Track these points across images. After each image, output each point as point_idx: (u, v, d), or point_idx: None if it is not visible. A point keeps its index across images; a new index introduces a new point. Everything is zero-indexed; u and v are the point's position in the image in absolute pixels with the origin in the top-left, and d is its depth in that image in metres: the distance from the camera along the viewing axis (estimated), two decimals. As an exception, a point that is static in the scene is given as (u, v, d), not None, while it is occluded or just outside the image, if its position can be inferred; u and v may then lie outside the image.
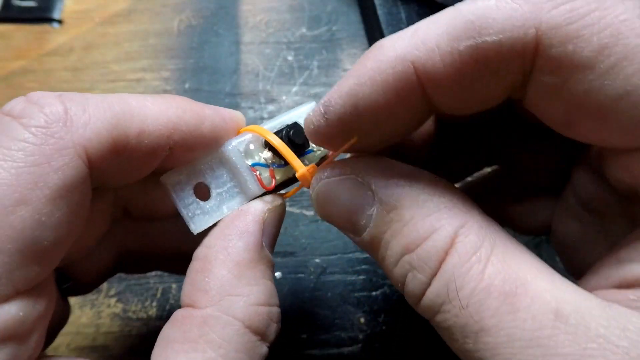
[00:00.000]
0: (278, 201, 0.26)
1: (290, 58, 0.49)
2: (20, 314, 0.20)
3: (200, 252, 0.24)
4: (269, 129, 0.27)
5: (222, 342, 0.21)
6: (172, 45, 0.50)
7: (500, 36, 0.17)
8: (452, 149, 0.29)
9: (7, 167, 0.19)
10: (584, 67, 0.17)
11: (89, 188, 0.22)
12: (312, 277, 0.39)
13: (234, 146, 0.26)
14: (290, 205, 0.42)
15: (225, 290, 0.23)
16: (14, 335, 0.20)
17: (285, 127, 0.27)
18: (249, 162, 0.26)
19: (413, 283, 0.20)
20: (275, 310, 0.24)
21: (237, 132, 0.27)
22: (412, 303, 0.21)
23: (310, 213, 0.41)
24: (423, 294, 0.20)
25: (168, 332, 0.23)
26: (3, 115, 0.21)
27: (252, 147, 0.26)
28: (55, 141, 0.20)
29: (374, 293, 0.38)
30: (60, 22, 0.52)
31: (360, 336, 0.37)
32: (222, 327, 0.22)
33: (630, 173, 0.18)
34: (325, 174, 0.23)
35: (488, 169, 0.31)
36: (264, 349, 0.23)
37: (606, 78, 0.16)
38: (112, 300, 0.38)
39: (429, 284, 0.19)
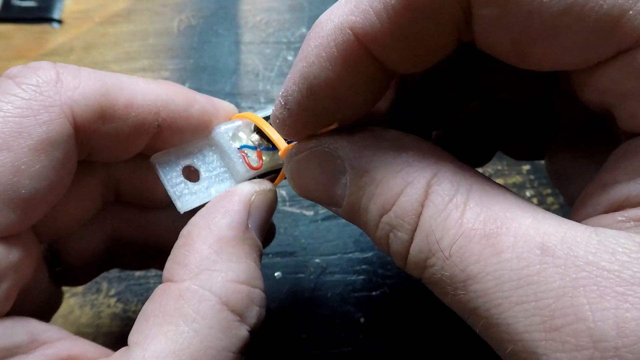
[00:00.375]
0: (267, 185, 0.26)
1: (290, 58, 0.49)
2: None
3: (184, 230, 0.24)
4: (264, 116, 0.27)
5: (196, 317, 0.21)
6: (172, 45, 0.50)
7: None
8: (422, 107, 0.28)
9: None
10: None
11: (74, 148, 0.23)
12: (312, 277, 0.39)
13: (222, 130, 0.26)
14: (290, 205, 0.42)
15: (204, 264, 0.22)
16: None
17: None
18: (237, 144, 0.26)
19: (395, 242, 0.20)
20: (258, 292, 0.23)
21: (230, 119, 0.27)
22: (400, 264, 0.20)
23: (310, 213, 0.41)
24: (407, 252, 0.19)
25: (146, 307, 0.22)
26: (3, 78, 0.22)
27: (241, 133, 0.27)
28: (44, 98, 0.21)
29: (374, 293, 0.38)
30: (60, 22, 0.52)
31: (360, 336, 0.37)
32: (198, 301, 0.21)
33: (596, 90, 0.18)
34: (294, 150, 0.23)
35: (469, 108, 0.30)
36: (242, 331, 0.22)
37: None
38: (112, 300, 0.38)
39: (411, 241, 0.19)
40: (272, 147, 0.27)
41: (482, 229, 0.18)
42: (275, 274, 0.39)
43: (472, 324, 0.18)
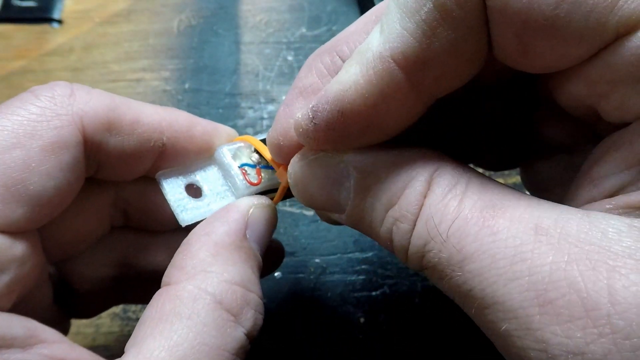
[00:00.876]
0: (265, 201, 0.27)
1: (290, 58, 0.49)
2: None
3: (185, 239, 0.25)
4: (262, 138, 0.28)
5: (191, 314, 0.21)
6: (172, 45, 0.50)
7: None
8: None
9: (12, 119, 0.23)
10: None
11: (82, 155, 0.25)
12: (312, 277, 0.39)
13: (225, 149, 0.28)
14: (290, 205, 0.42)
15: (200, 266, 0.23)
16: None
17: None
18: (238, 163, 0.28)
19: (398, 234, 0.20)
20: (253, 296, 0.24)
21: (230, 142, 0.29)
22: (401, 257, 0.21)
23: (310, 213, 0.41)
24: (408, 242, 0.20)
25: (144, 313, 0.23)
26: (26, 92, 0.24)
27: (242, 152, 0.28)
28: (57, 108, 0.24)
29: (374, 293, 0.38)
30: (60, 22, 0.52)
31: (360, 336, 0.37)
32: (193, 300, 0.22)
33: (586, 84, 0.18)
34: (298, 157, 0.23)
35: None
36: (238, 332, 0.22)
37: None
38: (112, 300, 0.38)
39: (412, 230, 0.20)
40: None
41: (479, 212, 0.18)
42: (275, 274, 0.39)
43: (468, 307, 0.19)
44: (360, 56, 0.19)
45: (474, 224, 0.18)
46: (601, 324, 0.15)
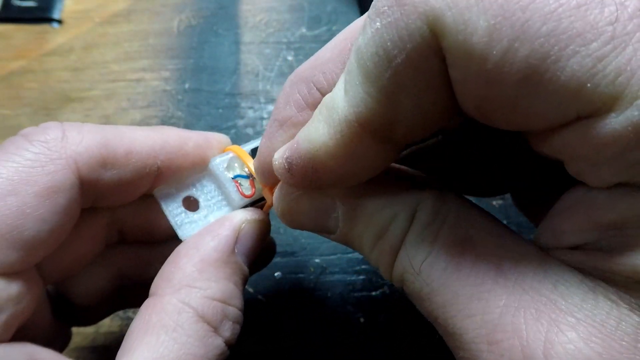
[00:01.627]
0: (259, 216, 0.28)
1: (290, 58, 0.49)
2: None
3: (176, 249, 0.27)
4: (252, 148, 0.30)
5: (176, 327, 0.23)
6: (172, 45, 0.50)
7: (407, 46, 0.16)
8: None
9: (7, 166, 0.23)
10: (477, 57, 0.15)
11: (77, 196, 0.25)
12: (312, 277, 0.39)
13: (218, 162, 0.29)
14: (290, 205, 0.42)
15: (185, 281, 0.25)
16: None
17: None
18: (231, 174, 0.29)
19: (382, 263, 0.22)
20: (233, 310, 0.25)
21: (222, 151, 0.30)
22: (387, 279, 0.23)
23: (310, 213, 0.41)
24: (391, 269, 0.22)
25: (133, 323, 0.24)
26: (17, 136, 0.25)
27: (235, 163, 0.29)
28: (51, 153, 0.24)
29: (374, 293, 0.38)
30: (60, 22, 0.52)
31: (360, 336, 0.37)
32: (177, 313, 0.24)
33: (550, 148, 0.18)
34: (284, 192, 0.24)
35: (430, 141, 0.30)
36: (218, 341, 0.24)
37: (504, 64, 0.15)
38: (112, 300, 0.38)
39: (394, 260, 0.22)
40: None
41: (449, 249, 0.20)
42: (275, 274, 0.39)
43: (438, 330, 0.21)
44: (328, 113, 0.19)
45: (443, 260, 0.20)
46: None
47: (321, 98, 0.21)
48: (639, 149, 0.15)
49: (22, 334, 0.24)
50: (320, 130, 0.20)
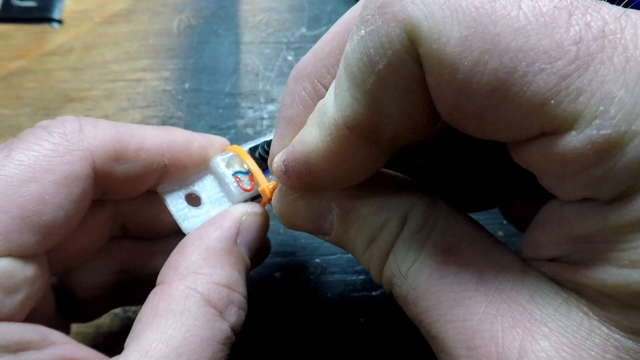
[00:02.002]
0: (258, 209, 0.29)
1: (290, 58, 0.49)
2: (9, 268, 0.24)
3: (181, 241, 0.28)
4: (251, 147, 0.31)
5: (183, 310, 0.24)
6: (172, 45, 0.50)
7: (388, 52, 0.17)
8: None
9: (28, 155, 0.25)
10: (448, 65, 0.16)
11: (91, 187, 0.27)
12: (312, 277, 0.39)
13: (219, 159, 0.31)
14: (290, 205, 0.42)
15: (192, 268, 0.26)
16: (0, 284, 0.23)
17: (262, 142, 0.31)
18: (231, 171, 0.30)
19: (373, 265, 0.23)
20: (238, 296, 0.26)
21: (223, 151, 0.32)
22: (377, 282, 0.24)
23: (310, 213, 0.41)
24: (381, 273, 0.23)
25: (141, 311, 0.25)
26: (36, 127, 0.26)
27: (235, 161, 0.31)
28: (69, 144, 0.26)
29: (374, 293, 0.38)
30: (60, 22, 0.52)
31: (361, 336, 0.37)
32: (184, 298, 0.24)
33: (521, 160, 0.18)
34: (282, 194, 0.25)
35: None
36: (224, 325, 0.25)
37: (474, 75, 0.16)
38: (112, 300, 0.38)
39: (384, 264, 0.23)
40: (263, 171, 0.31)
41: (435, 256, 0.21)
42: (275, 274, 0.39)
43: (422, 333, 0.22)
44: (319, 117, 0.20)
45: (429, 266, 0.21)
46: None
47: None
48: (598, 165, 0.15)
49: (30, 320, 0.25)
50: (312, 133, 0.20)
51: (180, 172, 0.30)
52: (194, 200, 0.31)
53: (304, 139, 0.21)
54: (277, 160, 0.23)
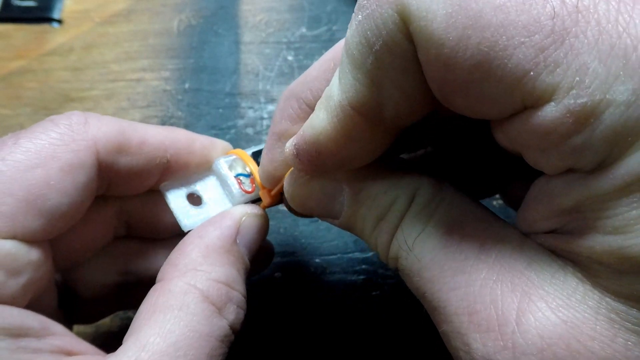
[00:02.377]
0: (258, 210, 0.30)
1: (290, 58, 0.49)
2: (13, 250, 0.24)
3: (182, 240, 0.28)
4: (254, 151, 0.32)
5: (181, 306, 0.24)
6: (172, 45, 0.50)
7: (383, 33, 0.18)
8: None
9: (35, 142, 0.25)
10: (435, 41, 0.17)
11: (94, 176, 0.27)
12: (312, 277, 0.39)
13: (222, 161, 0.31)
14: (290, 205, 0.42)
15: (192, 265, 0.26)
16: (4, 265, 0.24)
17: None
18: (234, 173, 0.31)
19: (381, 242, 0.24)
20: (236, 295, 0.27)
21: (227, 154, 0.32)
22: (383, 259, 0.24)
23: (310, 213, 0.41)
24: (388, 248, 0.24)
25: (140, 308, 0.25)
26: (44, 120, 0.27)
27: (237, 163, 0.31)
28: (74, 134, 0.27)
29: (374, 293, 0.38)
30: (60, 22, 0.52)
31: (361, 336, 0.37)
32: (183, 294, 0.25)
33: (506, 138, 0.19)
34: (294, 177, 0.26)
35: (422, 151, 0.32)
36: (222, 322, 0.25)
37: (458, 50, 0.17)
38: (112, 300, 0.38)
39: (391, 239, 0.23)
40: None
41: (440, 229, 0.22)
42: (275, 274, 0.39)
43: (425, 307, 0.23)
44: (326, 102, 0.21)
45: (434, 237, 0.22)
46: (506, 339, 0.19)
47: (310, 112, 0.23)
48: (578, 135, 0.16)
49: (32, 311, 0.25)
50: (320, 117, 0.22)
51: (182, 171, 0.31)
52: (195, 199, 0.31)
53: (313, 122, 0.22)
54: (288, 145, 0.24)
